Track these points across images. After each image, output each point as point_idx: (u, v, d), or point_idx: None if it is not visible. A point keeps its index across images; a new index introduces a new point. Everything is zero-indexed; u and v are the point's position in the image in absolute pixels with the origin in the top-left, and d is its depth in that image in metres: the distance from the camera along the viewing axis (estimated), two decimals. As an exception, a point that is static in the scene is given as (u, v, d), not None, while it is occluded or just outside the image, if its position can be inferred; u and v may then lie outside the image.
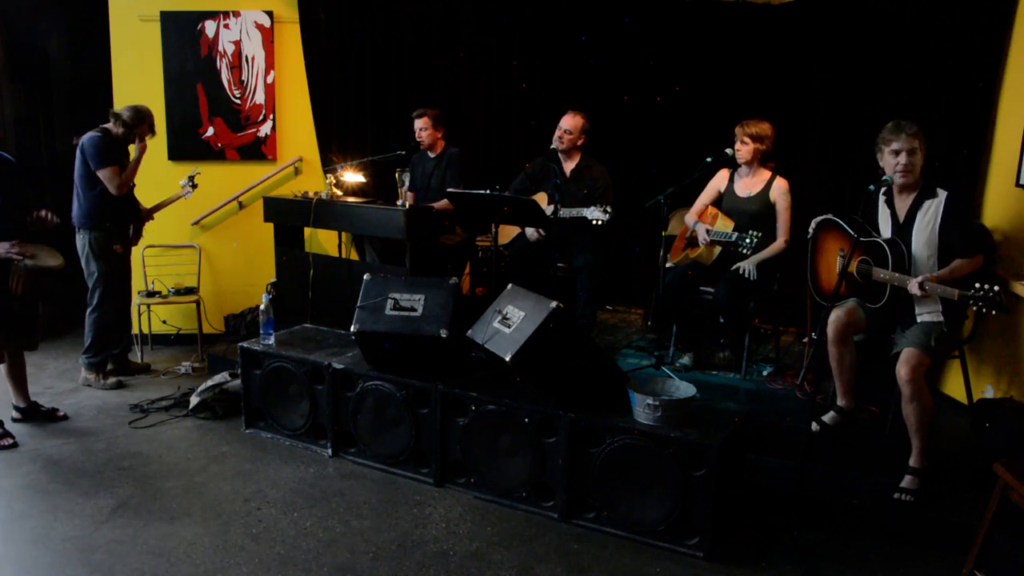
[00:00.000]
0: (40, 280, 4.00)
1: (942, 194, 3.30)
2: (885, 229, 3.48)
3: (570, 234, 4.63)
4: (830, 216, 3.69)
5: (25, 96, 6.25)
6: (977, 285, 2.94)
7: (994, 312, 2.92)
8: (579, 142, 4.71)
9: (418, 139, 5.09)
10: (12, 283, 3.85)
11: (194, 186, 4.96)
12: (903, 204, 3.41)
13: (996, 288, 2.90)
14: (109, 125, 4.60)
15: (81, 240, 4.61)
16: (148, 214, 4.95)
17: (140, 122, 4.61)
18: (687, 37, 5.26)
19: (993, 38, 4.01)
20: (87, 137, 4.54)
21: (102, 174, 4.50)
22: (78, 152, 4.55)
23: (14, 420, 4.16)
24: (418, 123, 5.03)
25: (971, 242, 3.30)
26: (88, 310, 4.70)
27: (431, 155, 5.16)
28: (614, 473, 3.12)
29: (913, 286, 3.15)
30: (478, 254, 5.53)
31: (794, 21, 4.97)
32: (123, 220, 4.71)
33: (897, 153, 3.28)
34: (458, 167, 5.06)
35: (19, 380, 4.19)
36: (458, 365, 3.64)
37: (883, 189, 3.47)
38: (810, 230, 3.79)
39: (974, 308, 2.97)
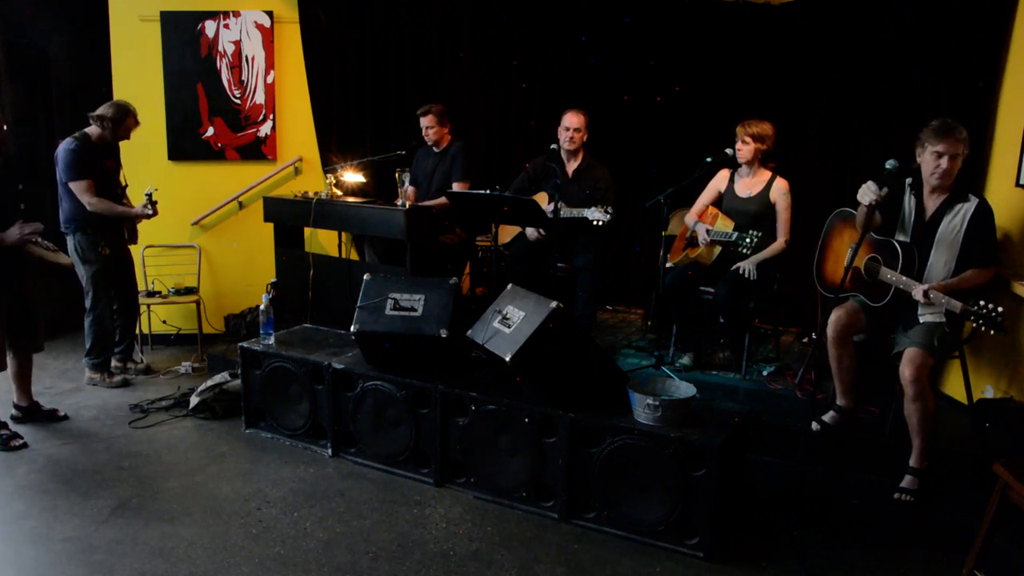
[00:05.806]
0: (41, 280, 3.99)
1: (973, 200, 3.27)
2: (908, 220, 3.44)
3: (570, 234, 4.63)
4: (849, 209, 3.64)
5: (25, 96, 6.25)
6: (982, 303, 2.92)
7: (992, 332, 2.90)
8: (584, 139, 4.71)
9: (425, 137, 5.01)
10: (32, 265, 3.85)
11: (153, 203, 4.63)
12: (932, 202, 3.37)
13: (1000, 309, 2.88)
14: (91, 129, 4.51)
15: (70, 244, 4.55)
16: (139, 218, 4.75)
17: (125, 115, 4.54)
18: (687, 37, 5.26)
19: (993, 38, 4.01)
20: (61, 146, 4.46)
21: (74, 187, 4.43)
22: (55, 159, 4.48)
23: (14, 420, 4.15)
24: (424, 121, 4.96)
25: (989, 253, 3.27)
26: (86, 313, 4.68)
27: (435, 151, 5.09)
28: (614, 473, 3.12)
29: (918, 292, 3.13)
30: (478, 254, 5.53)
31: (794, 21, 4.97)
32: (106, 222, 4.59)
33: (939, 155, 3.21)
34: (460, 160, 4.96)
35: (24, 381, 4.19)
36: (458, 365, 3.64)
37: (909, 180, 3.44)
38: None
39: (973, 325, 2.96)
